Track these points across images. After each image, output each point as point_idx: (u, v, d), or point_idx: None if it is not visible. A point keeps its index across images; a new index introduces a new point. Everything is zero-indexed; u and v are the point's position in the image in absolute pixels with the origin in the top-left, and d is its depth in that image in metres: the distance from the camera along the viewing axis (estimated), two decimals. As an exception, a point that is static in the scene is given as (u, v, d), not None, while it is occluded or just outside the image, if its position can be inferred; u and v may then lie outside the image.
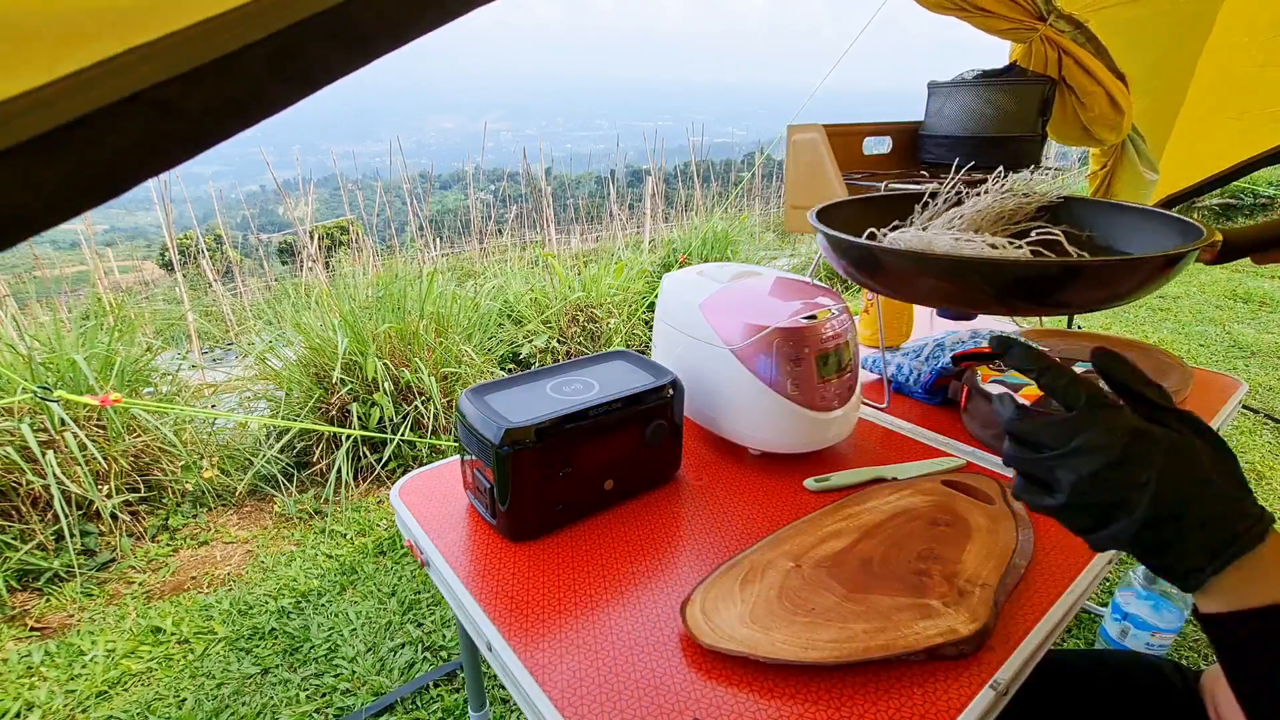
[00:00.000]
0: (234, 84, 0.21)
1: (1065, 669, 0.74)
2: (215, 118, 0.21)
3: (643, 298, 3.24)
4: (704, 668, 0.61)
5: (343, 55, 0.22)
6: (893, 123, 1.24)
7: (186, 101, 0.20)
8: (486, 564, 0.76)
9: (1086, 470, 0.40)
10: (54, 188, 0.19)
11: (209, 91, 0.20)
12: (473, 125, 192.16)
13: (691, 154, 5.25)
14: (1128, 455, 0.39)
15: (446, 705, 1.37)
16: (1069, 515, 0.42)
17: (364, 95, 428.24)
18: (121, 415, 1.92)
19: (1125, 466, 0.39)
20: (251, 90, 0.21)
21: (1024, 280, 0.52)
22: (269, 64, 0.21)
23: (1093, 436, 0.40)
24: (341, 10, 0.21)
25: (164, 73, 0.19)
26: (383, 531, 1.96)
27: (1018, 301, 0.55)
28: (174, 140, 0.20)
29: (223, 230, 3.90)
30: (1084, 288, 0.53)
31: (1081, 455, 0.40)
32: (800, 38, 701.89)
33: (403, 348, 2.36)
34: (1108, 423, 0.40)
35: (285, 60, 0.21)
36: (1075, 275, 0.52)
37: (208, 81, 0.20)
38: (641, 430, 0.83)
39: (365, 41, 0.22)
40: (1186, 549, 0.39)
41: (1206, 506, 0.39)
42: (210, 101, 0.21)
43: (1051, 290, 0.53)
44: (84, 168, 0.19)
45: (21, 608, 1.66)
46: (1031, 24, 1.33)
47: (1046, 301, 0.54)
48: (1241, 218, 6.05)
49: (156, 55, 0.19)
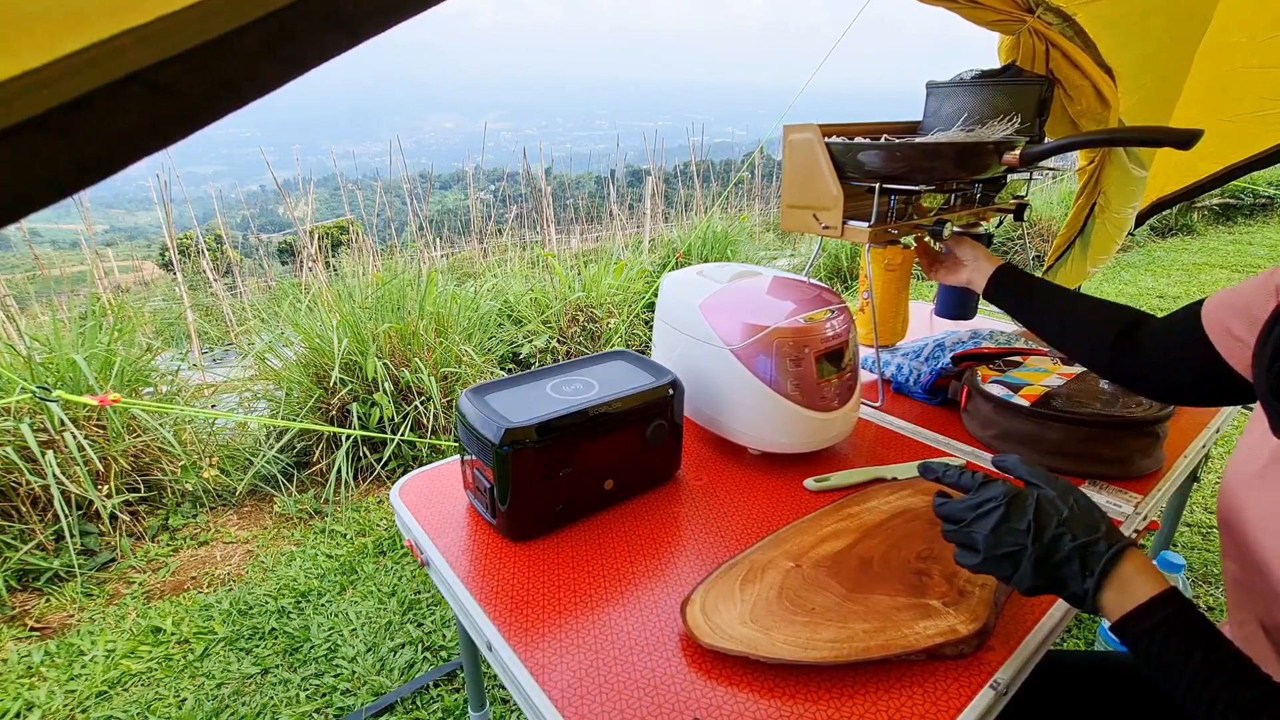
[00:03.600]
0: (229, 65, 0.21)
1: (1065, 669, 0.74)
2: (210, 98, 0.21)
3: (642, 298, 3.24)
4: (704, 667, 0.61)
5: (333, 37, 0.23)
6: (890, 122, 1.24)
7: (182, 82, 0.21)
8: (486, 564, 0.76)
9: (988, 529, 0.55)
10: (54, 166, 0.20)
11: (204, 72, 0.21)
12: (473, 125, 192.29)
13: (691, 154, 5.25)
14: (1009, 512, 0.55)
15: (446, 705, 1.37)
16: (992, 567, 0.55)
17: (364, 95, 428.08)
18: (121, 415, 1.92)
19: (1010, 520, 0.54)
20: (246, 71, 0.22)
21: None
22: (263, 46, 0.22)
23: (984, 505, 0.56)
24: None
25: (160, 54, 0.20)
26: (383, 531, 1.96)
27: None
28: (170, 119, 0.21)
29: (223, 230, 3.90)
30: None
31: (981, 519, 0.56)
32: (800, 38, 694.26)
33: (403, 348, 2.36)
34: (991, 494, 0.56)
35: (278, 42, 0.22)
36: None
37: (203, 63, 0.21)
38: (641, 430, 0.83)
39: (354, 23, 0.23)
40: (1073, 574, 0.52)
41: (1074, 534, 0.53)
42: (205, 82, 0.21)
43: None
44: (83, 146, 0.20)
45: (21, 608, 1.66)
46: (1020, 16, 1.32)
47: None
48: (1241, 217, 6.05)
49: (153, 37, 0.20)
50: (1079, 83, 1.37)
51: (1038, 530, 0.53)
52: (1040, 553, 0.53)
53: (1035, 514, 0.54)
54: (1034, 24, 1.32)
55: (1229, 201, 6.03)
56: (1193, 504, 1.91)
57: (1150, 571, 0.52)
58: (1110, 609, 0.51)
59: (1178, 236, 5.68)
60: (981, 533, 0.55)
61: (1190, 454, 0.99)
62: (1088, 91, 1.37)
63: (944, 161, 0.98)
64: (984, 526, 0.55)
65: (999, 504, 0.55)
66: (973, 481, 0.58)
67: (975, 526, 0.56)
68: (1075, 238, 1.74)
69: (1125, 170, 1.57)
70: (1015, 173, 1.16)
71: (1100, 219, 1.67)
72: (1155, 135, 1.05)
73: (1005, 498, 0.55)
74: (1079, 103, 1.39)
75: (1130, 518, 0.83)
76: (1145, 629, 0.49)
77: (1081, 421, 0.90)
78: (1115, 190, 1.61)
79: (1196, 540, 1.78)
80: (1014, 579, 0.54)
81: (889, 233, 1.09)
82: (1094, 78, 1.36)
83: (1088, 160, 1.63)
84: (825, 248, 4.37)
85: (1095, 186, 1.64)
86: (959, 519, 0.57)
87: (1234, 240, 5.48)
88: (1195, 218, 5.92)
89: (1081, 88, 1.37)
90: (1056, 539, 0.53)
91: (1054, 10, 1.32)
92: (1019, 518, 0.54)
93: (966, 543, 0.57)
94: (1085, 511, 0.54)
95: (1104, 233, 1.69)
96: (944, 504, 0.59)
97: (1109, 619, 0.52)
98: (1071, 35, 1.35)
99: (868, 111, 6.52)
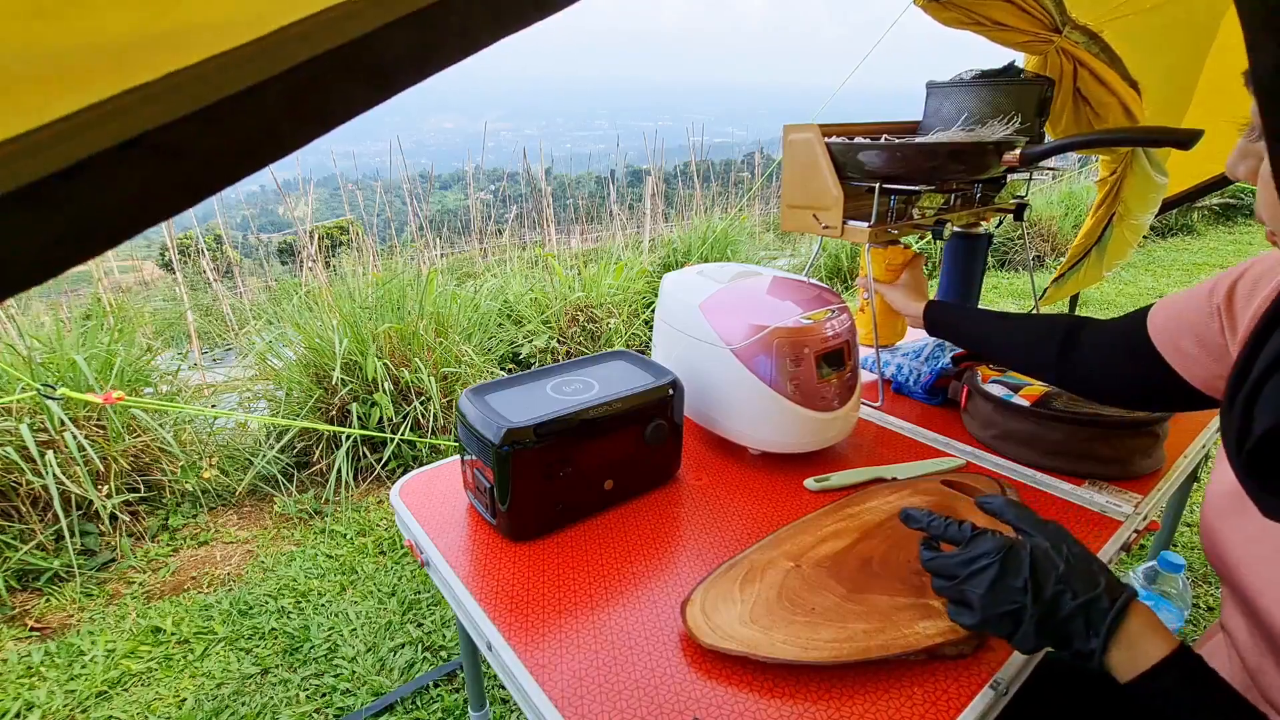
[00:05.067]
0: (246, 124, 0.19)
1: (1065, 669, 0.74)
2: (224, 161, 0.20)
3: (643, 298, 3.24)
4: (704, 667, 0.61)
5: (364, 91, 0.21)
6: (889, 122, 1.24)
7: (193, 144, 0.19)
8: (486, 564, 0.76)
9: (983, 587, 0.52)
10: (45, 242, 0.18)
11: (218, 133, 0.19)
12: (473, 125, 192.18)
13: (691, 154, 5.25)
14: (1005, 569, 0.52)
15: (446, 705, 1.37)
16: (991, 627, 0.53)
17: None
18: (121, 415, 1.92)
19: (1006, 577, 0.52)
20: (265, 130, 0.20)
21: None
22: (286, 101, 0.20)
23: (976, 561, 0.53)
24: (364, 43, 0.20)
25: (168, 114, 0.18)
26: (383, 531, 1.96)
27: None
28: (178, 187, 0.19)
29: (222, 230, 3.90)
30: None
31: (976, 577, 0.53)
32: (800, 38, 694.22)
33: (402, 348, 2.36)
34: (984, 548, 0.53)
35: (302, 97, 0.20)
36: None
37: (217, 123, 0.19)
38: (641, 430, 0.83)
39: (387, 76, 0.21)
40: (1078, 632, 0.50)
41: (1074, 592, 0.50)
42: (219, 143, 0.19)
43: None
44: (78, 219, 0.18)
45: (21, 608, 1.66)
46: (1047, 36, 1.32)
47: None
48: (1241, 218, 6.05)
49: (161, 95, 0.18)
50: (1106, 100, 1.37)
51: (1036, 589, 0.51)
52: (1042, 612, 0.51)
53: (1032, 570, 0.51)
54: (1061, 43, 1.32)
55: (1229, 201, 6.03)
56: (1193, 504, 1.91)
57: (1156, 627, 0.51)
58: (1121, 669, 0.50)
59: (1178, 236, 5.68)
60: (977, 591, 0.52)
61: (1190, 454, 0.99)
62: (1115, 108, 1.37)
63: (944, 161, 0.98)
64: (979, 585, 0.52)
65: (993, 560, 0.52)
66: (960, 534, 0.55)
67: (969, 584, 0.53)
68: (1092, 246, 1.74)
69: (1147, 177, 1.57)
70: (1015, 173, 1.16)
71: (1119, 227, 1.68)
72: (1155, 135, 1.05)
73: (999, 553, 0.52)
74: (1107, 120, 1.39)
75: (1130, 518, 0.83)
76: (1160, 690, 0.48)
77: (1082, 421, 0.90)
78: (1136, 198, 1.62)
79: (1196, 540, 1.78)
80: (1016, 639, 0.52)
81: (889, 233, 1.09)
82: (1121, 94, 1.36)
83: (1109, 171, 1.63)
84: (825, 248, 4.37)
85: (1116, 197, 1.64)
86: (951, 575, 0.55)
87: (1234, 240, 5.48)
88: (1195, 218, 5.93)
89: (1109, 105, 1.37)
90: (1057, 597, 0.50)
91: (1080, 29, 1.33)
92: (1015, 575, 0.52)
93: (960, 600, 0.55)
94: (1082, 562, 0.52)
95: (1121, 239, 1.70)
96: (933, 559, 0.57)
97: (1119, 678, 0.50)
98: (1098, 52, 1.35)
99: (868, 111, 6.57)
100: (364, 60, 0.20)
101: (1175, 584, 1.08)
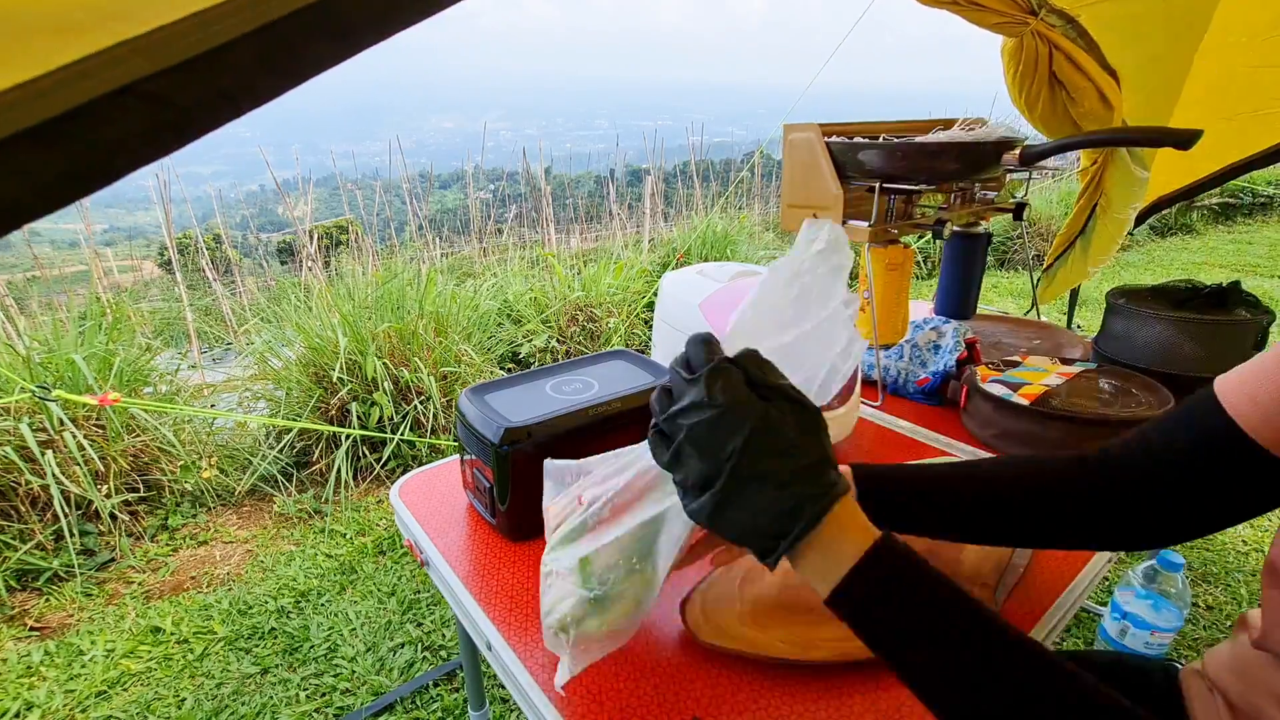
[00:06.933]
0: (225, 76, 0.22)
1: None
2: (206, 109, 0.22)
3: (642, 297, 3.24)
4: (704, 667, 0.61)
5: (329, 48, 0.23)
6: (889, 122, 1.24)
7: (178, 93, 0.21)
8: (486, 564, 0.76)
9: (689, 423, 0.42)
10: (49, 177, 0.20)
11: (200, 84, 0.21)
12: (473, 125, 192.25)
13: (691, 154, 5.25)
14: (721, 420, 0.41)
15: (446, 705, 1.37)
16: (676, 470, 0.44)
17: (364, 95, 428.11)
18: (120, 415, 1.92)
19: (717, 429, 0.41)
20: (241, 82, 0.22)
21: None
22: (258, 57, 0.22)
23: (701, 394, 0.42)
24: (327, 4, 0.22)
25: (156, 65, 0.20)
26: (382, 531, 1.96)
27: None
28: (166, 130, 0.21)
29: (222, 230, 3.90)
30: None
31: (689, 412, 0.42)
32: (800, 37, 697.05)
33: (402, 347, 2.36)
34: (715, 385, 0.42)
35: (274, 53, 0.22)
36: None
37: (198, 74, 0.21)
38: (641, 430, 0.83)
39: (349, 34, 0.23)
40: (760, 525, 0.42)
41: (780, 476, 0.41)
42: (201, 94, 0.21)
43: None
44: (78, 157, 0.20)
45: (21, 608, 1.66)
46: (1023, 18, 1.32)
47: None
48: (1241, 217, 6.05)
49: (148, 48, 0.20)
50: (1082, 85, 1.37)
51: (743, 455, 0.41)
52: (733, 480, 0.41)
53: (750, 433, 0.41)
54: (1037, 26, 1.32)
55: (1228, 201, 6.03)
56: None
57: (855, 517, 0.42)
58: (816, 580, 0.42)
59: (1177, 236, 5.68)
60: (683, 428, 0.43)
61: (1190, 453, 0.98)
62: (1091, 94, 1.37)
63: (944, 161, 0.98)
64: (688, 418, 0.42)
65: (716, 405, 0.42)
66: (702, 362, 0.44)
67: (681, 416, 0.43)
68: (1076, 237, 1.74)
69: (1128, 171, 1.57)
70: (1015, 172, 1.16)
71: (1102, 219, 1.67)
72: (1155, 135, 1.05)
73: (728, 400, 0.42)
74: (1082, 105, 1.39)
75: (1130, 517, 0.83)
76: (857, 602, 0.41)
77: (1081, 420, 0.90)
78: (1117, 191, 1.61)
79: (1195, 539, 1.78)
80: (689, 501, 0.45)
81: (889, 232, 1.09)
82: (1097, 80, 1.36)
83: (1090, 161, 1.63)
84: (825, 247, 4.35)
85: (1097, 187, 1.64)
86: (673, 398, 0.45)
87: (1233, 239, 5.49)
88: (1195, 217, 5.93)
89: (1085, 90, 1.37)
90: (763, 474, 0.41)
91: (1057, 12, 1.32)
92: (729, 433, 0.41)
93: (667, 431, 0.45)
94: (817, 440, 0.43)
95: (1105, 233, 1.69)
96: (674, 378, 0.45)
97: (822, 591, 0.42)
98: (1074, 37, 1.34)
99: (868, 111, 6.38)
100: (329, 20, 0.23)
101: (1175, 583, 1.08)
